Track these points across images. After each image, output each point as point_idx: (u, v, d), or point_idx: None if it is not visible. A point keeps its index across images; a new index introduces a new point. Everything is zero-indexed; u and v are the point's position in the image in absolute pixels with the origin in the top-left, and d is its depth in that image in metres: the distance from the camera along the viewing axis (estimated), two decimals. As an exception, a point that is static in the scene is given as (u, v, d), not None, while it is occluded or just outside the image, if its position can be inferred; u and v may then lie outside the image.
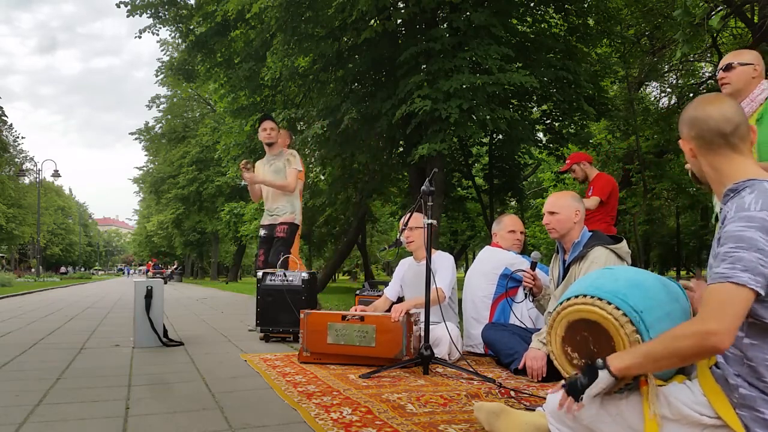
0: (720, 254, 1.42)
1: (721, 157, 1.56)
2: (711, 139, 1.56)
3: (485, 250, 4.09)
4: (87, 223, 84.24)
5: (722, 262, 1.40)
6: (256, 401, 2.57)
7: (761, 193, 1.44)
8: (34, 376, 3.19)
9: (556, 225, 3.01)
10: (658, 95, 17.36)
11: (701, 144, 1.59)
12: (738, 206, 1.44)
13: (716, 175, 1.58)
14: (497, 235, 4.04)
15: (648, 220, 19.86)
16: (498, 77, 7.45)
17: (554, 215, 3.01)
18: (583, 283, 1.80)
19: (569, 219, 3.00)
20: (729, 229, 1.42)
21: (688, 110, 1.63)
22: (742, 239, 1.38)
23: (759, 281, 1.35)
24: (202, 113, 34.97)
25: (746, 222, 1.40)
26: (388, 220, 24.99)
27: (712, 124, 1.55)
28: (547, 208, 3.05)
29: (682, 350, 1.40)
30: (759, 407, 1.43)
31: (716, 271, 1.40)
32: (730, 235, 1.41)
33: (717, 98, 1.61)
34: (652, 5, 11.22)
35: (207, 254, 43.22)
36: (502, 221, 4.08)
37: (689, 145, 1.62)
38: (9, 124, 35.88)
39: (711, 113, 1.56)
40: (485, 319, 3.78)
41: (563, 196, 3.08)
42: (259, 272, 4.72)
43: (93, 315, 7.72)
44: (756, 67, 2.90)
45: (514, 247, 3.98)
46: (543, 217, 3.10)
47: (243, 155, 11.35)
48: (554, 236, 3.07)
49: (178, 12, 10.72)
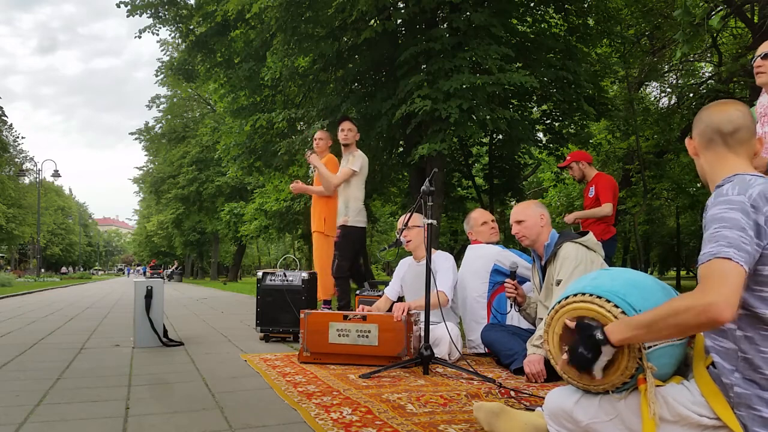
0: (705, 238, 1.46)
1: (716, 155, 1.62)
2: (710, 136, 1.62)
3: (470, 249, 4.11)
4: (87, 223, 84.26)
5: (707, 243, 1.43)
6: (256, 401, 2.57)
7: (739, 181, 1.50)
8: (34, 376, 3.20)
9: (526, 232, 3.13)
10: (658, 95, 17.37)
11: (701, 141, 1.65)
12: (717, 193, 1.51)
13: (711, 172, 1.63)
14: (473, 233, 4.11)
15: (648, 220, 19.86)
16: (498, 77, 7.45)
17: (521, 223, 3.13)
18: (580, 282, 1.79)
19: (536, 224, 3.12)
20: (711, 213, 1.47)
21: (702, 110, 1.70)
22: (723, 219, 1.43)
23: (743, 257, 1.37)
24: (202, 113, 34.94)
25: (726, 205, 1.45)
26: (388, 220, 25.00)
27: (713, 122, 1.62)
28: (514, 218, 3.17)
29: (682, 324, 1.40)
30: (756, 405, 1.43)
31: (703, 252, 1.42)
32: (713, 218, 1.45)
33: (728, 102, 1.67)
34: (652, 5, 11.22)
35: (207, 254, 43.22)
36: (471, 218, 4.17)
37: (693, 144, 1.68)
38: (9, 124, 35.87)
39: (716, 113, 1.63)
40: (483, 319, 3.78)
41: (527, 205, 3.22)
42: (259, 272, 4.73)
43: (93, 315, 7.73)
44: None
45: (492, 237, 4.03)
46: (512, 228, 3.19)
47: (243, 155, 11.35)
48: (526, 243, 3.17)
49: (178, 12, 10.71)
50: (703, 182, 1.69)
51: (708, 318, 1.34)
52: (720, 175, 1.59)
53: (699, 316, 1.35)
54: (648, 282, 1.70)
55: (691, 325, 1.40)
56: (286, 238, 30.10)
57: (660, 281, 1.75)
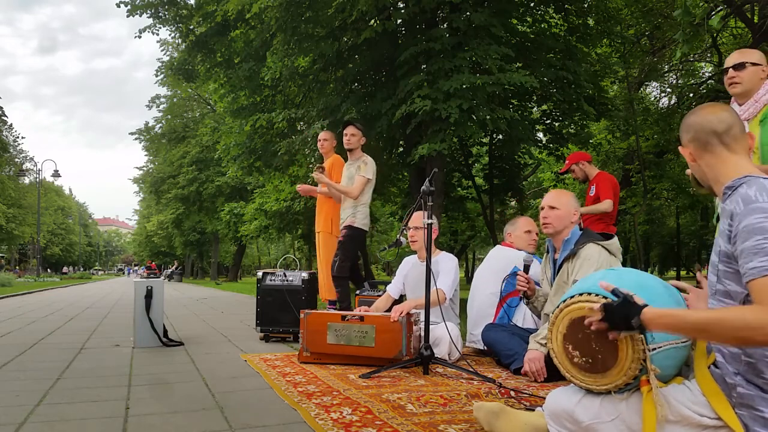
0: (747, 249, 1.40)
1: (716, 156, 1.60)
2: (706, 139, 1.61)
3: (497, 249, 4.11)
4: (87, 223, 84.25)
5: (755, 256, 1.38)
6: (256, 401, 2.57)
7: (760, 187, 1.46)
8: (34, 376, 3.19)
9: (554, 220, 2.99)
10: (658, 95, 17.38)
11: (698, 146, 1.63)
12: (745, 199, 1.46)
13: (714, 174, 1.61)
14: (512, 235, 4.06)
15: (648, 220, 19.89)
16: (498, 77, 7.45)
17: (554, 210, 2.99)
18: (587, 281, 1.79)
19: (567, 217, 2.99)
20: (748, 222, 1.42)
21: (686, 117, 1.69)
22: (765, 230, 1.39)
23: None
24: (202, 113, 34.95)
25: (763, 213, 1.41)
26: (388, 220, 24.99)
27: (706, 124, 1.61)
28: (548, 202, 3.02)
29: (747, 338, 1.37)
30: (758, 406, 1.43)
31: (752, 265, 1.38)
32: (753, 228, 1.40)
33: (712, 104, 1.67)
34: (652, 5, 11.22)
35: (207, 254, 43.21)
36: (518, 222, 4.10)
37: (688, 150, 1.67)
38: (9, 124, 35.88)
39: (705, 116, 1.63)
40: (490, 316, 3.78)
41: (564, 194, 3.08)
42: (259, 272, 4.73)
43: (93, 315, 7.72)
44: (764, 68, 2.84)
45: (529, 247, 4.00)
46: (541, 211, 3.06)
47: (243, 155, 11.34)
48: (548, 232, 3.04)
49: (178, 12, 10.71)
50: (704, 186, 1.66)
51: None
52: (726, 175, 1.56)
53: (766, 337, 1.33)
54: (654, 283, 1.70)
55: (756, 341, 1.38)
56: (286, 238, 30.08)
57: (665, 282, 1.75)
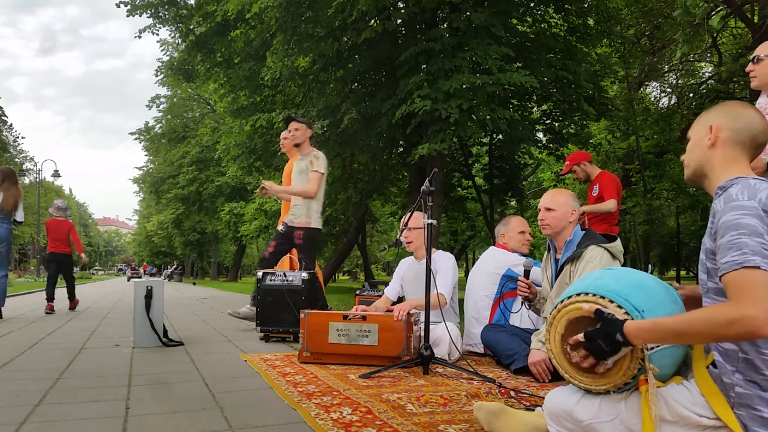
0: (723, 244, 1.42)
1: (735, 156, 1.60)
2: (743, 139, 1.59)
3: (490, 250, 4.08)
4: (87, 223, 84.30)
5: (728, 251, 1.40)
6: (256, 401, 2.57)
7: (745, 185, 1.48)
8: (34, 376, 3.19)
9: (551, 222, 2.98)
10: (658, 95, 17.39)
11: (731, 136, 1.60)
12: (726, 198, 1.48)
13: (717, 168, 1.60)
14: (505, 235, 4.02)
15: (648, 220, 19.89)
16: (498, 77, 7.46)
17: (551, 212, 2.98)
18: (584, 281, 1.79)
19: (565, 217, 2.97)
20: (725, 219, 1.44)
21: (734, 105, 1.65)
22: (740, 226, 1.40)
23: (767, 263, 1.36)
24: (202, 113, 34.98)
25: (740, 210, 1.42)
26: (388, 220, 25.02)
27: (755, 127, 1.59)
28: (544, 204, 3.02)
29: (721, 336, 1.39)
30: (756, 405, 1.43)
31: (725, 260, 1.40)
32: (729, 225, 1.43)
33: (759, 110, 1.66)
34: (652, 5, 11.23)
35: (207, 254, 43.21)
36: (510, 222, 4.06)
37: (719, 132, 1.62)
38: (9, 124, 35.90)
39: (756, 121, 1.60)
40: (485, 319, 3.78)
41: (561, 194, 3.06)
42: (259, 272, 4.73)
43: (93, 315, 7.73)
44: None
45: (523, 247, 3.98)
46: (539, 213, 3.07)
47: (243, 155, 11.35)
48: (547, 233, 3.03)
49: (178, 12, 10.73)
50: (695, 172, 1.65)
51: (749, 332, 1.33)
52: (725, 176, 1.57)
53: (740, 331, 1.34)
54: (651, 283, 1.70)
55: (729, 337, 1.39)
56: (286, 238, 30.04)
57: (663, 282, 1.74)
